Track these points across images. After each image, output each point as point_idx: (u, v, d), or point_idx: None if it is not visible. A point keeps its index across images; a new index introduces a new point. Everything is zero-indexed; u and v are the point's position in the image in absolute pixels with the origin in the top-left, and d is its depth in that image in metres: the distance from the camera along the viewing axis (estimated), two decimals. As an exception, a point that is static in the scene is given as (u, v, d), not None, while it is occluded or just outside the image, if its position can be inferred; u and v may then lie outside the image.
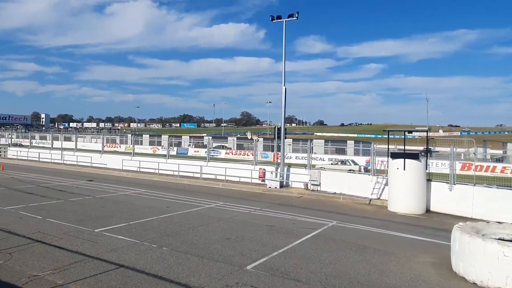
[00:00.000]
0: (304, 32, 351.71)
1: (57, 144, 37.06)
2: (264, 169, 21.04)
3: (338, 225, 12.17)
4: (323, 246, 9.55)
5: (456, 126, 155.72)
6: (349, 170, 23.48)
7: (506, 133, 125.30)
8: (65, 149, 33.35)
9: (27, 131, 72.30)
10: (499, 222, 8.68)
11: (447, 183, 15.14)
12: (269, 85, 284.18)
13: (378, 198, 16.75)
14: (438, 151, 24.34)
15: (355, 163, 26.31)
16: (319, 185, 18.95)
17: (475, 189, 14.48)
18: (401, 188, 15.04)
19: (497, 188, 14.41)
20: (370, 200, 16.65)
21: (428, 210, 15.12)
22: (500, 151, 33.65)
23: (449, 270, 7.90)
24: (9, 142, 42.90)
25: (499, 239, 7.68)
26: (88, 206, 13.90)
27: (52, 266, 7.30)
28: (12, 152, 37.44)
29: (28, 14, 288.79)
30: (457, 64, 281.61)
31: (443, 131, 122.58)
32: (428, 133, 17.99)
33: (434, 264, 8.41)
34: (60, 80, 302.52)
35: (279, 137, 21.17)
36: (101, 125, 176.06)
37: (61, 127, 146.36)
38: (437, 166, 21.64)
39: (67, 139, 41.89)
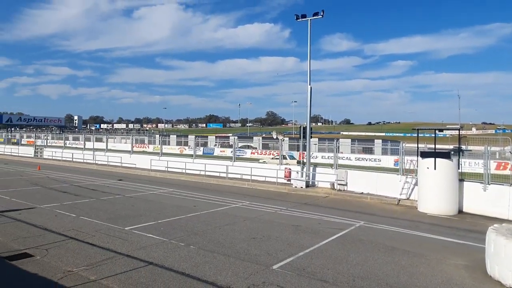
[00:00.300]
0: (329, 30, 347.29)
1: (89, 144, 38.44)
2: (290, 169, 20.96)
3: (366, 225, 11.96)
4: (350, 246, 9.41)
5: (490, 123, 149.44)
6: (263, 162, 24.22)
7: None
8: (97, 149, 34.52)
9: (61, 132, 75.42)
10: (538, 224, 8.26)
11: (481, 183, 14.54)
12: (294, 84, 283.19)
13: (408, 199, 16.32)
14: (471, 150, 23.40)
15: (293, 157, 26.00)
16: (345, 184, 18.67)
17: (511, 189, 13.84)
18: (431, 188, 14.59)
19: (536, 188, 13.70)
20: (399, 200, 16.24)
21: (460, 211, 14.59)
22: (539, 150, 31.92)
23: (483, 274, 7.60)
24: (45, 143, 44.87)
25: (538, 242, 7.31)
26: (119, 205, 14.33)
27: (85, 262, 7.59)
28: (47, 153, 39.15)
29: (61, 21, 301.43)
30: (490, 60, 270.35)
31: (477, 129, 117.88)
32: (460, 131, 17.36)
33: (467, 267, 8.10)
34: (91, 83, 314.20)
35: (304, 137, 21.03)
36: (130, 126, 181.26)
37: (93, 128, 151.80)
38: (470, 165, 20.79)
39: (99, 139, 43.37)
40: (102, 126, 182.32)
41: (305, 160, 20.68)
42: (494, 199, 14.09)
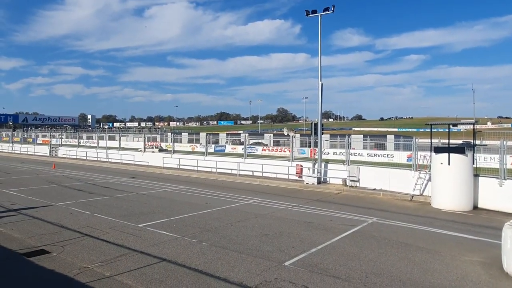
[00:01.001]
0: (340, 26, 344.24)
1: (102, 143, 38.99)
2: (301, 165, 20.90)
3: (378, 222, 11.86)
4: (363, 243, 9.35)
5: (506, 117, 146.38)
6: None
7: None
8: (110, 148, 34.98)
9: (75, 131, 76.61)
10: (556, 220, 8.07)
11: (497, 178, 14.27)
12: (305, 80, 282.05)
13: (421, 194, 16.12)
14: (486, 145, 22.95)
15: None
16: (358, 181, 18.54)
17: (528, 184, 13.55)
18: (445, 184, 14.38)
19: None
20: (412, 196, 16.06)
21: (475, 207, 14.35)
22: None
23: (499, 270, 7.47)
24: (59, 142, 45.65)
25: (556, 238, 7.15)
26: (132, 202, 14.51)
27: (100, 259, 7.72)
28: (62, 152, 39.86)
29: (74, 21, 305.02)
30: (506, 52, 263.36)
31: (492, 123, 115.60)
32: (475, 125, 17.04)
33: (483, 263, 7.98)
34: (103, 82, 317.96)
35: (316, 133, 20.94)
36: (142, 124, 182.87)
37: (106, 127, 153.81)
38: (485, 160, 20.38)
39: (111, 138, 43.91)
40: (115, 124, 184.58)
41: (316, 157, 20.59)
42: (511, 195, 13.82)
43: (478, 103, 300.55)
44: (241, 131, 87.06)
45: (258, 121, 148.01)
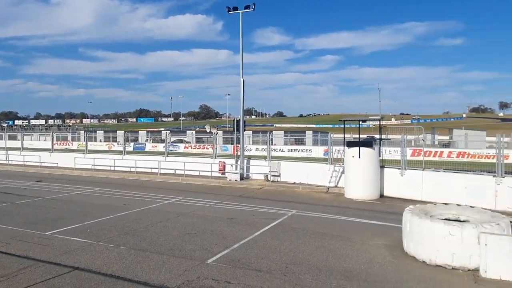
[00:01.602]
0: (261, 24, 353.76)
1: (0, 143, 34.55)
2: (224, 162, 20.97)
3: (298, 214, 12.43)
4: (283, 235, 9.71)
5: (407, 114, 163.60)
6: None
7: (452, 120, 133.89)
8: (10, 148, 31.19)
9: (-34, 130, 66.77)
10: (445, 204, 9.27)
11: (399, 168, 15.91)
12: (228, 77, 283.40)
13: (336, 186, 17.29)
14: (390, 139, 25.50)
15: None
16: (279, 175, 19.20)
17: (424, 173, 15.34)
18: (356, 175, 15.62)
19: (444, 172, 15.34)
20: (328, 188, 17.14)
21: (382, 195, 15.83)
22: (447, 137, 35.83)
23: (401, 251, 8.34)
24: None
25: (446, 219, 8.21)
26: (38, 208, 13.13)
27: (-2, 274, 6.83)
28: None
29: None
30: (407, 55, 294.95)
31: (396, 120, 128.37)
32: (381, 121, 18.76)
33: (387, 246, 8.84)
34: (1, 74, 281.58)
35: (238, 130, 21.14)
36: (51, 122, 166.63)
37: (5, 125, 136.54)
38: (390, 153, 22.57)
39: (12, 138, 39.21)
40: (17, 122, 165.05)
41: (239, 153, 20.83)
42: (410, 183, 15.51)
43: (385, 101, 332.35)
44: (162, 129, 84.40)
45: (180, 118, 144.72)
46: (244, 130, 21.30)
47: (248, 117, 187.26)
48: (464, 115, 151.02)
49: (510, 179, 13.33)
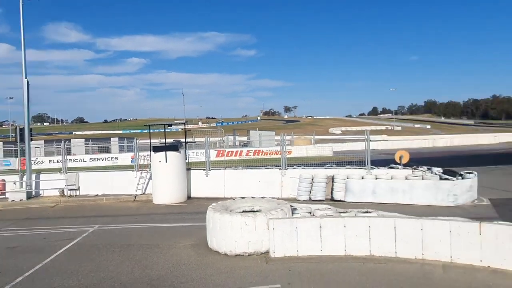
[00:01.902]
0: (54, 17, 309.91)
1: None
2: (4, 180, 17.19)
3: (101, 228, 11.31)
4: (82, 255, 8.63)
5: (212, 118, 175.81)
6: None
7: (250, 122, 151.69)
8: None
9: None
10: (242, 198, 10.23)
11: (204, 170, 16.72)
12: (10, 77, 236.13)
13: (143, 193, 16.69)
14: (195, 141, 26.67)
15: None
16: (78, 189, 17.11)
17: (226, 172, 16.63)
18: (164, 180, 15.51)
19: (242, 169, 17.07)
20: (135, 196, 16.39)
21: (189, 197, 16.25)
22: (245, 138, 40.36)
23: (206, 248, 8.69)
24: None
25: (243, 211, 9.05)
26: None
27: None
28: None
29: None
30: (211, 63, 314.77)
31: (202, 123, 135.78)
32: (188, 125, 19.36)
33: (194, 245, 9.06)
34: None
35: (22, 140, 17.70)
36: None
37: None
38: (197, 155, 23.64)
39: None
40: None
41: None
42: (214, 182, 16.51)
43: (192, 105, 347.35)
44: None
45: None
46: (31, 140, 18.03)
47: (39, 124, 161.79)
48: (259, 118, 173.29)
49: (291, 170, 15.94)
